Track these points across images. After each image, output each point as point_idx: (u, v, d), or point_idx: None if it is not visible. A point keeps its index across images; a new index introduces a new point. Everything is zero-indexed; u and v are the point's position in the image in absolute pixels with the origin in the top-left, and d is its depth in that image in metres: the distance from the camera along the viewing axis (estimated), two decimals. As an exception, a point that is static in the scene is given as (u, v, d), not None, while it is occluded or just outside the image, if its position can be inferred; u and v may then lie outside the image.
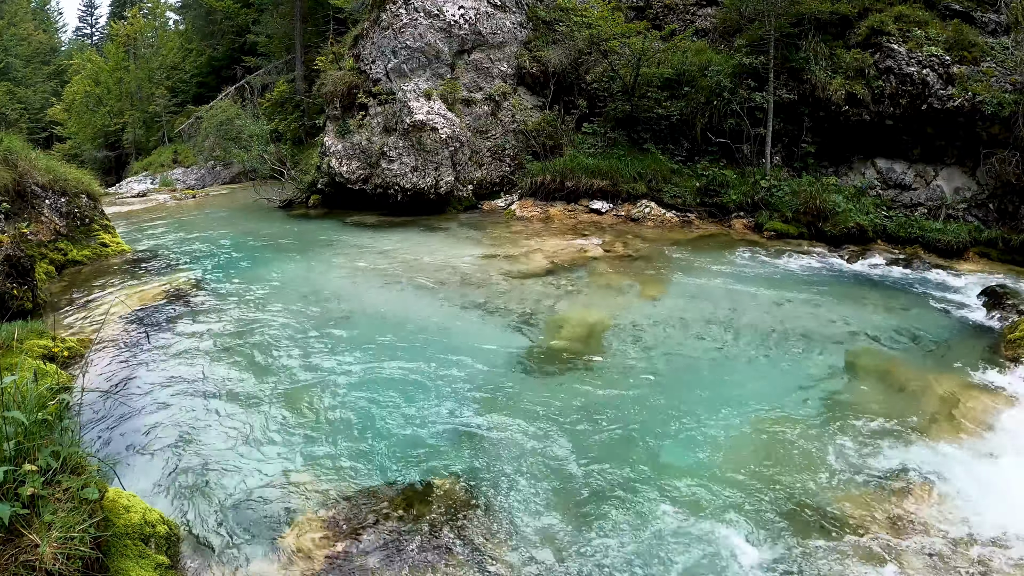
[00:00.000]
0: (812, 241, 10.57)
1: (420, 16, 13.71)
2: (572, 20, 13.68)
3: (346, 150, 13.81)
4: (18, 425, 2.78)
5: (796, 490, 4.16)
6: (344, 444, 4.50)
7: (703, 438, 4.73)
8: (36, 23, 48.15)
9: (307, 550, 3.51)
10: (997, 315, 7.22)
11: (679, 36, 13.61)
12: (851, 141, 11.95)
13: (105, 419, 4.65)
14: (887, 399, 5.36)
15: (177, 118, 27.99)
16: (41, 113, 38.16)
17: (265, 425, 4.71)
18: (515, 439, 4.63)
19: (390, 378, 5.46)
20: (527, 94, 14.75)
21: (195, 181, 23.20)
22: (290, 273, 8.70)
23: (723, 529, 3.81)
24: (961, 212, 10.77)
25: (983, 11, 11.77)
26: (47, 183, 8.72)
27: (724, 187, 12.08)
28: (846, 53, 11.93)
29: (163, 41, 35.83)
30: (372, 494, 3.97)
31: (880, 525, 3.88)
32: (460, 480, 4.15)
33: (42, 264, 7.92)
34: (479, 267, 8.95)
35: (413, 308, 7.29)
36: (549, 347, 6.30)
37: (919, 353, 6.36)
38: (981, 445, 4.69)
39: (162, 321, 6.54)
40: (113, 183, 26.22)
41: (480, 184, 13.83)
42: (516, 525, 3.80)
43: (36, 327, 5.59)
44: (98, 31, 56.71)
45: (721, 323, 6.97)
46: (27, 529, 2.56)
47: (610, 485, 4.16)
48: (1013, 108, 10.07)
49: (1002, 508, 4.00)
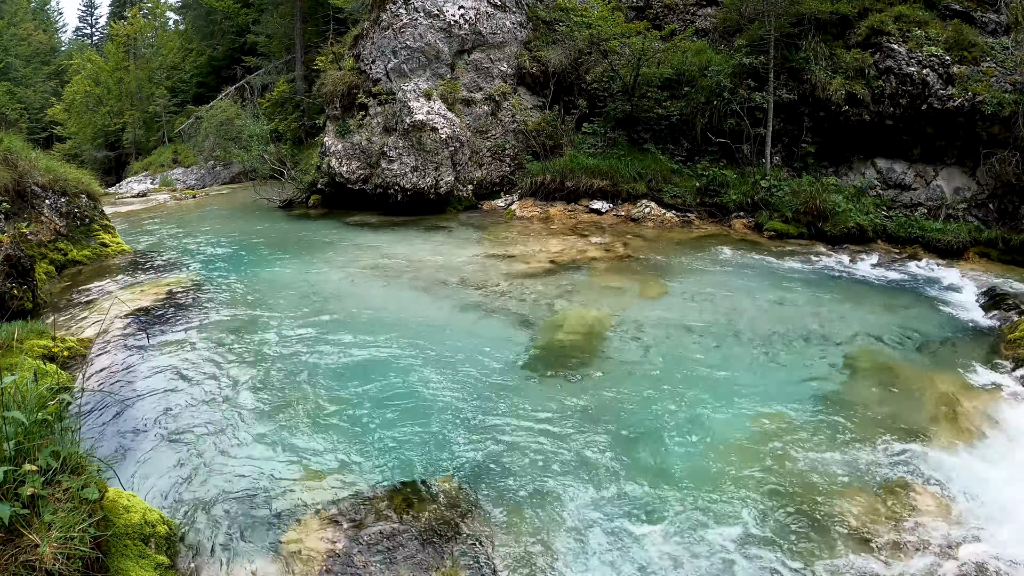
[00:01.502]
0: (812, 241, 10.57)
1: (420, 16, 13.72)
2: (572, 20, 13.68)
3: (346, 150, 13.81)
4: (18, 425, 2.78)
5: (796, 489, 4.16)
6: (344, 444, 4.51)
7: (703, 438, 4.74)
8: (36, 23, 48.18)
9: (307, 550, 3.51)
10: (997, 315, 7.22)
11: (679, 36, 13.62)
12: (851, 141, 11.95)
13: (105, 419, 4.65)
14: (887, 399, 5.37)
15: (177, 118, 28.01)
16: (41, 113, 38.16)
17: (265, 425, 4.71)
18: (515, 439, 4.64)
19: (390, 378, 5.46)
20: (527, 94, 14.75)
21: (195, 181, 23.20)
22: (290, 273, 8.70)
23: (723, 529, 3.81)
24: (961, 212, 10.77)
25: (983, 11, 11.77)
26: (47, 183, 8.72)
27: (724, 187, 12.09)
28: (846, 53, 11.93)
29: (163, 41, 35.87)
30: (372, 494, 3.97)
31: (879, 524, 3.88)
32: (460, 480, 4.16)
33: (42, 264, 7.93)
34: (479, 267, 8.96)
35: (413, 308, 7.29)
36: (549, 347, 6.31)
37: (919, 353, 6.36)
38: (981, 445, 4.70)
39: (162, 321, 6.54)
40: (113, 183, 26.23)
41: (480, 184, 13.83)
42: (516, 525, 3.80)
43: (36, 327, 5.59)
44: (98, 31, 56.72)
45: (721, 323, 6.97)
46: (27, 529, 2.56)
47: (610, 485, 4.17)
48: (1013, 108, 10.08)
49: (1002, 508, 4.01)
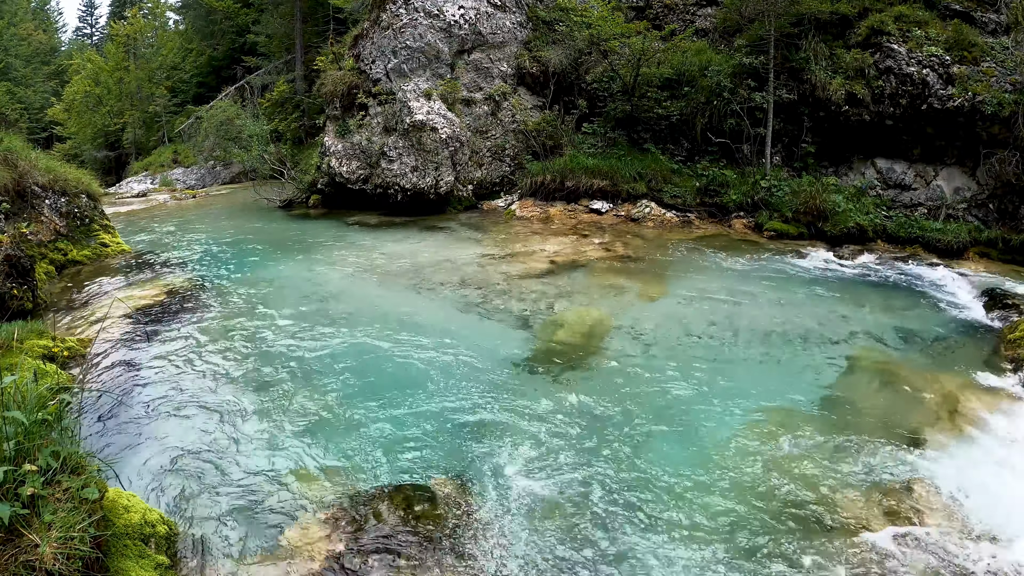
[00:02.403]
0: (812, 241, 10.57)
1: (420, 16, 13.72)
2: (572, 20, 13.67)
3: (346, 150, 13.81)
4: (18, 425, 2.78)
5: (795, 489, 4.16)
6: (344, 444, 4.51)
7: (702, 438, 4.74)
8: (36, 23, 48.20)
9: (307, 550, 3.51)
10: (997, 315, 7.22)
11: (679, 36, 13.61)
12: (851, 141, 11.94)
13: (105, 419, 4.65)
14: (887, 399, 5.37)
15: (177, 118, 28.01)
16: (41, 113, 38.17)
17: (265, 425, 4.71)
18: (515, 439, 4.64)
19: (390, 378, 5.46)
20: (527, 94, 14.75)
21: (195, 181, 23.19)
22: (290, 273, 8.70)
23: (722, 528, 3.81)
24: (961, 212, 10.76)
25: (983, 11, 11.78)
26: (47, 183, 8.72)
27: (724, 187, 12.08)
28: (846, 53, 11.93)
29: (163, 41, 35.85)
30: (372, 494, 3.97)
31: (879, 524, 3.88)
32: (460, 480, 4.16)
33: (42, 264, 7.92)
34: (479, 267, 8.96)
35: (413, 308, 7.29)
36: (549, 347, 6.31)
37: (919, 353, 6.36)
38: (981, 445, 4.70)
39: (162, 321, 6.54)
40: (113, 183, 26.22)
41: (480, 184, 13.83)
42: (515, 525, 3.80)
43: (36, 327, 5.59)
44: (98, 31, 56.73)
45: (721, 323, 6.97)
46: (27, 529, 2.56)
47: (610, 485, 4.17)
48: (1013, 108, 10.08)
49: (1002, 508, 4.01)
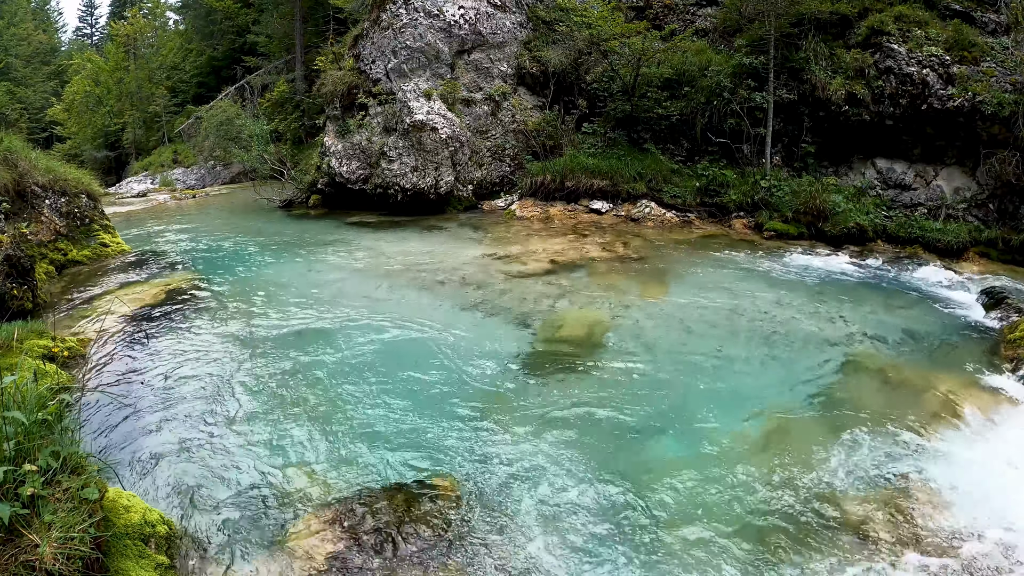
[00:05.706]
0: (812, 241, 10.57)
1: (420, 16, 13.72)
2: (572, 20, 13.67)
3: (346, 150, 13.81)
4: (18, 425, 2.78)
5: (795, 489, 4.16)
6: (344, 444, 4.50)
7: (703, 438, 4.73)
8: (36, 23, 48.16)
9: (307, 550, 3.51)
10: (996, 315, 7.22)
11: (679, 36, 13.61)
12: (851, 141, 11.95)
13: (105, 419, 4.65)
14: (887, 399, 5.36)
15: (177, 118, 28.03)
16: (41, 113, 38.20)
17: (265, 424, 4.71)
18: (515, 439, 4.64)
19: (390, 378, 5.46)
20: (527, 94, 14.75)
21: (195, 181, 23.19)
22: (290, 273, 8.70)
23: (722, 528, 3.81)
24: (961, 212, 10.76)
25: (983, 11, 11.78)
26: (47, 183, 8.71)
27: (724, 187, 12.09)
28: (846, 53, 11.93)
29: (163, 41, 35.88)
30: (372, 494, 3.97)
31: (879, 524, 3.88)
32: (460, 480, 4.16)
33: (42, 264, 7.92)
34: (479, 267, 8.96)
35: (413, 308, 7.29)
36: (549, 347, 6.31)
37: (919, 353, 6.36)
38: (981, 445, 4.69)
39: (162, 321, 6.54)
40: (113, 183, 26.22)
41: (480, 184, 13.83)
42: (515, 526, 3.80)
43: (36, 327, 5.58)
44: (98, 31, 56.79)
45: (721, 323, 6.97)
46: (27, 529, 2.56)
47: (610, 485, 4.17)
48: (1013, 108, 10.08)
49: (1002, 508, 4.01)
